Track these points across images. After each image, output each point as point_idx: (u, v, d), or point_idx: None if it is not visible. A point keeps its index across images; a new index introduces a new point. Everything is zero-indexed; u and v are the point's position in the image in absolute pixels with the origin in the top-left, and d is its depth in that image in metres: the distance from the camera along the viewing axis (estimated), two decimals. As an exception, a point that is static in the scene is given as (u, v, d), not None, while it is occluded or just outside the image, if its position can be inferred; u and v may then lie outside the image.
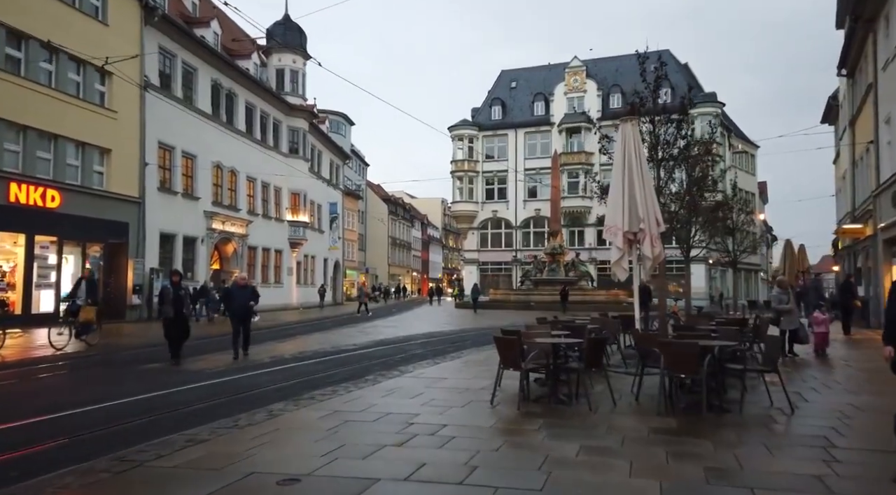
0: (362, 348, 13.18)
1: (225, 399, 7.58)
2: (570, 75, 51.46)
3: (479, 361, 10.68)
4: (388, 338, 15.44)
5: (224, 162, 28.20)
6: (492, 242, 52.92)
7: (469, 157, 52.75)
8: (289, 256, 35.56)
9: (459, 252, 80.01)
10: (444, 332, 17.99)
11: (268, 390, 8.16)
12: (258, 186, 31.93)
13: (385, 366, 10.19)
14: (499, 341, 6.89)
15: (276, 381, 8.87)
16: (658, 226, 9.71)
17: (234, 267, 29.61)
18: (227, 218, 28.27)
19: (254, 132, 31.65)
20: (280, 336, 16.38)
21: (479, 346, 13.59)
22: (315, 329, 19.41)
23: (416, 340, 15.09)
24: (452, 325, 21.82)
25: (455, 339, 15.65)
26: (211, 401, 7.40)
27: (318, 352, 12.48)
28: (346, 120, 63.87)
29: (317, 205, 40.82)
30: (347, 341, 14.69)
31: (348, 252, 56.19)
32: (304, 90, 36.32)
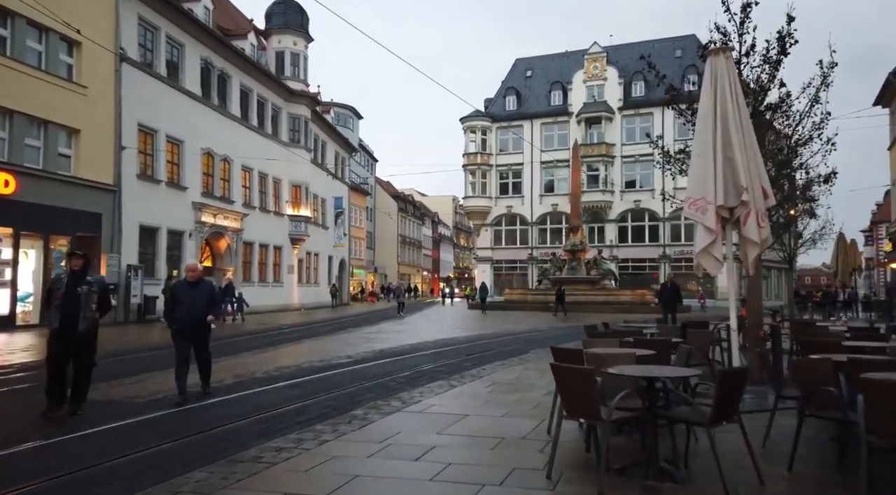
0: (358, 362, 10.52)
1: (114, 461, 4.94)
2: (589, 62, 48.57)
3: (510, 384, 8.00)
4: (391, 348, 12.77)
5: (216, 149, 25.71)
6: (506, 239, 50.15)
7: (482, 150, 50.04)
8: (289, 253, 33.05)
9: (472, 250, 77.37)
10: (458, 339, 15.31)
11: (185, 444, 5.21)
12: (255, 177, 29.43)
13: (382, 392, 7.53)
14: (562, 372, 4.18)
15: (214, 423, 5.95)
16: (766, 199, 6.94)
17: (227, 264, 27.14)
18: (218, 210, 25.78)
19: (250, 118, 29.17)
20: (264, 344, 13.76)
21: (503, 358, 10.90)
22: (309, 334, 16.81)
23: (426, 350, 12.41)
24: (467, 329, 19.13)
25: (472, 349, 12.96)
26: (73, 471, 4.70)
27: (301, 368, 9.84)
28: (353, 113, 61.48)
29: (320, 200, 38.32)
30: (342, 351, 12.06)
31: (355, 250, 53.69)
32: (305, 75, 33.81)
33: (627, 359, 4.83)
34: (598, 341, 6.33)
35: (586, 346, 6.14)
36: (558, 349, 5.50)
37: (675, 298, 16.23)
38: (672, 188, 44.88)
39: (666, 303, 16.15)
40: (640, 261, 46.06)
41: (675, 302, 16.23)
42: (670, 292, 16.31)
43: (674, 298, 16.16)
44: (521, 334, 16.87)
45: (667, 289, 16.68)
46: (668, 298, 16.19)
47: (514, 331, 17.82)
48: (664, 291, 16.71)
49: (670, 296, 16.18)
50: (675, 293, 16.37)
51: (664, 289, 16.84)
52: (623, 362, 4.68)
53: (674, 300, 16.16)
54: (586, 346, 6.14)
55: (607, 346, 5.98)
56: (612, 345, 6.14)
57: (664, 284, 17.41)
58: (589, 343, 6.29)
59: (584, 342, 6.42)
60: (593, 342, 6.27)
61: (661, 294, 17.03)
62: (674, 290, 16.43)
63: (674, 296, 16.19)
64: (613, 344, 6.17)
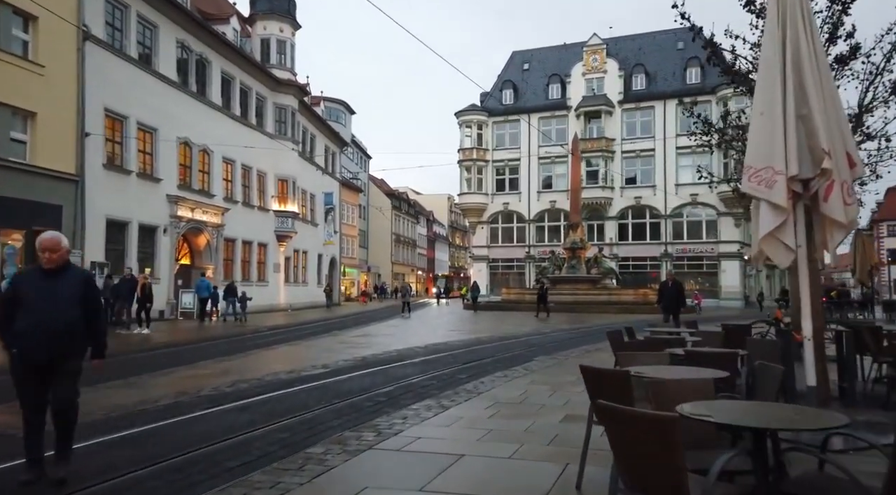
0: (333, 374, 8.89)
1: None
2: (588, 54, 47.07)
3: (515, 405, 6.43)
4: (376, 355, 11.16)
5: (194, 138, 24.04)
6: (503, 237, 48.60)
7: (478, 145, 48.48)
8: (275, 251, 31.39)
9: (467, 249, 75.77)
10: (452, 344, 13.72)
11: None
12: (237, 169, 27.76)
13: (354, 418, 5.94)
14: (623, 421, 2.53)
15: (99, 473, 4.20)
16: (852, 168, 5.36)
17: (207, 261, 25.47)
18: (197, 204, 24.10)
19: (232, 107, 27.49)
20: (232, 350, 12.12)
21: (504, 367, 9.33)
22: (288, 338, 15.18)
23: (415, 358, 10.81)
24: (462, 332, 17.55)
25: (468, 356, 11.37)
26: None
27: (263, 382, 8.21)
28: (345, 108, 59.81)
29: (309, 195, 36.67)
30: (319, 359, 10.44)
31: (347, 248, 52.04)
32: (292, 63, 32.16)
33: (704, 389, 3.25)
34: (639, 355, 4.74)
35: (623, 362, 4.56)
36: (592, 371, 3.89)
37: (678, 298, 14.41)
38: (674, 184, 43.38)
39: (667, 304, 14.37)
40: (641, 260, 44.60)
41: (678, 302, 14.41)
42: (672, 291, 14.47)
43: (676, 298, 14.31)
44: (521, 338, 15.30)
45: (667, 287, 14.77)
46: (669, 298, 14.35)
47: (513, 335, 16.25)
48: (664, 290, 14.80)
49: (672, 296, 14.32)
50: (678, 292, 14.53)
51: (664, 288, 14.91)
52: (699, 394, 3.09)
53: (676, 300, 14.31)
54: (623, 362, 4.56)
55: (652, 362, 4.40)
56: (657, 360, 4.56)
57: (664, 282, 15.33)
58: (625, 358, 4.70)
59: (620, 357, 4.84)
60: (631, 357, 4.68)
61: (661, 293, 15.03)
62: (676, 289, 14.57)
63: (676, 296, 14.36)
64: (658, 359, 4.59)
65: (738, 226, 42.44)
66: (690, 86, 44.13)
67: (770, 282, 49.37)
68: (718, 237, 42.69)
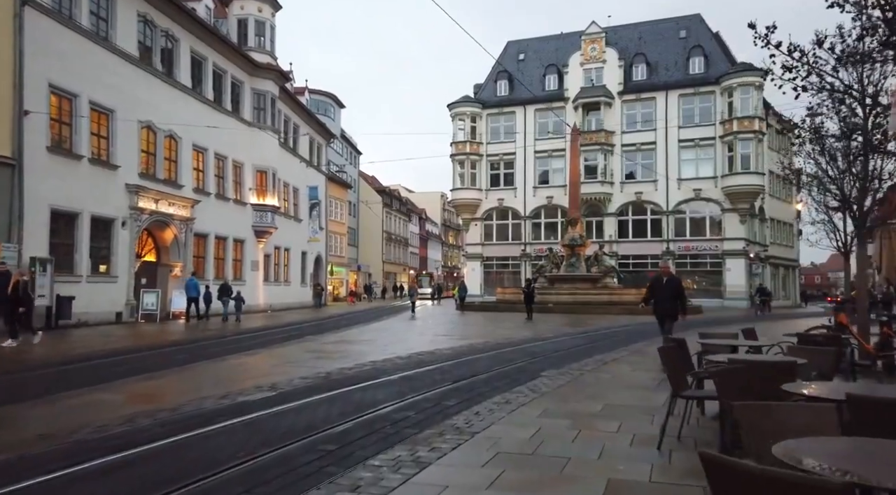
0: (275, 403, 6.41)
1: None
2: (587, 44, 45.03)
3: (525, 457, 4.31)
4: (344, 370, 8.99)
5: (158, 123, 21.79)
6: (497, 235, 46.52)
7: (471, 138, 46.36)
8: (254, 248, 29.16)
9: (461, 248, 73.59)
10: (440, 353, 11.58)
11: None
12: (209, 158, 25.51)
13: (280, 486, 3.81)
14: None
15: None
16: None
17: (175, 258, 23.23)
18: (161, 195, 21.86)
19: (204, 90, 25.25)
20: (163, 365, 9.88)
21: (504, 387, 7.24)
22: (248, 346, 12.98)
23: (393, 374, 8.66)
24: (453, 337, 15.44)
25: (457, 370, 9.25)
26: None
27: (175, 415, 5.96)
28: (334, 101, 57.67)
29: (292, 188, 34.45)
30: (268, 378, 8.20)
31: (335, 246, 49.84)
32: (272, 46, 29.92)
33: None
34: (781, 411, 2.62)
35: (753, 431, 2.45)
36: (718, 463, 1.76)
37: (677, 298, 9.95)
38: (676, 178, 41.39)
39: (661, 307, 10.05)
40: (642, 258, 42.60)
41: (676, 304, 9.92)
42: (667, 289, 10.01)
43: (674, 298, 9.93)
44: (521, 345, 13.21)
45: (660, 284, 10.16)
46: (663, 298, 9.99)
47: (511, 340, 14.17)
48: (656, 287, 10.24)
49: (666, 296, 9.94)
50: (675, 290, 10.04)
51: (656, 285, 10.29)
52: None
53: (674, 301, 9.92)
54: (753, 431, 2.45)
55: (813, 425, 2.29)
56: (817, 420, 2.45)
57: (657, 278, 10.49)
58: (751, 416, 2.59)
59: (744, 417, 2.73)
60: (761, 413, 2.57)
61: (650, 291, 10.40)
62: (671, 287, 10.08)
63: (673, 296, 9.95)
64: (819, 419, 2.48)
65: (744, 223, 40.55)
66: (693, 76, 42.24)
67: (774, 280, 47.52)
68: (723, 234, 40.77)
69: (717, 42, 44.36)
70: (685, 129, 41.79)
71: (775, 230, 47.82)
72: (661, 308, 10.18)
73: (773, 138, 45.78)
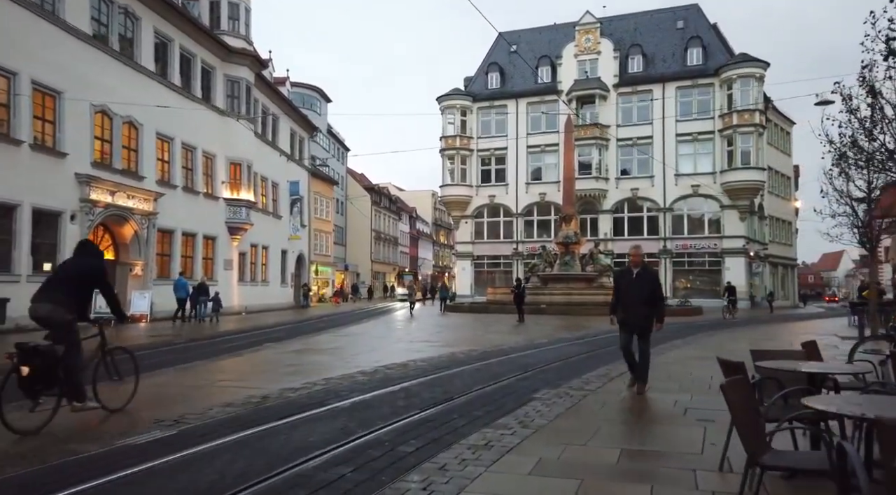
0: (163, 453, 4.72)
1: None
2: (581, 34, 43.38)
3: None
4: (283, 394, 7.02)
5: (114, 107, 19.90)
6: (488, 233, 44.80)
7: (462, 133, 44.61)
8: (227, 245, 27.26)
9: (452, 247, 71.82)
10: (413, 366, 9.78)
11: None
12: (176, 148, 23.62)
13: None
14: None
15: None
16: None
17: (135, 256, 21.33)
18: (119, 187, 19.96)
19: (170, 75, 23.36)
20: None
21: (487, 421, 5.47)
22: (188, 357, 11.11)
23: (343, 399, 6.77)
24: (434, 344, 13.65)
25: (428, 392, 7.43)
26: None
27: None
28: (320, 95, 55.75)
29: (271, 183, 32.58)
30: (177, 409, 6.21)
31: (320, 245, 47.88)
32: (247, 30, 28.06)
33: None
34: None
35: None
36: None
37: (653, 300, 7.02)
38: (674, 174, 39.76)
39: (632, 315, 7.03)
40: (638, 257, 40.93)
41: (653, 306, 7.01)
42: (639, 287, 7.04)
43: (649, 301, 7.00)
44: (511, 354, 11.45)
45: (630, 280, 7.15)
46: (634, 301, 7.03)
47: (500, 348, 12.41)
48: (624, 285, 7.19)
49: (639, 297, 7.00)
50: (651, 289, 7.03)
51: (624, 282, 7.23)
52: None
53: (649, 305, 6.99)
54: None
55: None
56: None
57: (625, 272, 7.46)
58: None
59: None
60: None
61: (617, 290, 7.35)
62: (646, 283, 7.05)
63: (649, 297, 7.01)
64: None
65: (744, 220, 39.03)
66: (691, 68, 40.68)
67: (773, 279, 46.05)
68: (722, 232, 39.23)
69: (716, 33, 42.84)
70: (683, 123, 40.23)
71: (774, 228, 46.39)
72: (632, 316, 6.87)
73: (772, 133, 44.36)
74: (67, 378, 5.32)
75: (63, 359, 5.27)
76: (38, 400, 5.15)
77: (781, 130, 47.40)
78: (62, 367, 5.28)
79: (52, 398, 5.25)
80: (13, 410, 5.06)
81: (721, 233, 39.25)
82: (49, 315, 5.42)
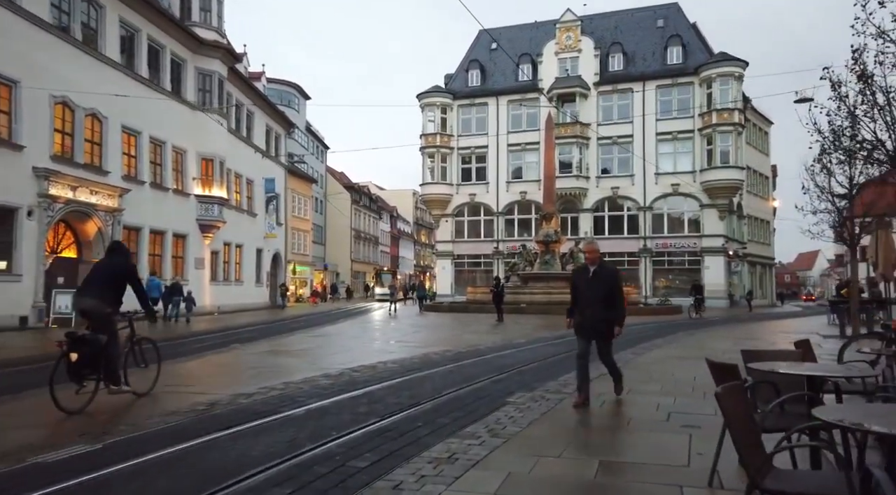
0: (93, 468, 4.08)
1: None
2: (561, 32, 43.16)
3: None
4: (235, 400, 6.39)
5: (76, 98, 19.02)
6: (469, 232, 44.36)
7: (442, 131, 44.09)
8: (198, 243, 26.41)
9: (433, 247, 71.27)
10: (382, 369, 9.25)
11: None
12: (143, 143, 22.74)
13: None
14: None
15: None
16: None
17: (98, 254, 20.42)
18: (81, 182, 19.09)
19: (137, 66, 22.49)
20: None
21: (454, 429, 4.99)
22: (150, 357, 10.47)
23: (299, 405, 6.20)
24: (409, 345, 13.14)
25: (394, 397, 6.91)
26: None
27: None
28: (298, 92, 54.87)
29: (245, 180, 31.75)
30: (115, 421, 5.76)
31: (298, 244, 47.04)
32: (220, 22, 27.23)
33: None
34: None
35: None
36: None
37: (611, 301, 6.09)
38: (654, 172, 39.67)
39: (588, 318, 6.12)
40: (619, 256, 40.76)
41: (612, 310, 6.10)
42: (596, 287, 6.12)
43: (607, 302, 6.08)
44: (487, 354, 10.98)
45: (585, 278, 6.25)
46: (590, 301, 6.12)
47: (477, 348, 11.94)
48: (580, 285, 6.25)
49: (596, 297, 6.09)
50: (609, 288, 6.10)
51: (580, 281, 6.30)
52: None
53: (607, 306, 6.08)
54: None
55: None
56: None
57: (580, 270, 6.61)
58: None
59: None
60: None
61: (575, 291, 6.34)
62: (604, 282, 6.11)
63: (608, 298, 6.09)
64: None
65: (723, 219, 39.10)
66: (671, 66, 40.66)
67: (752, 278, 46.28)
68: (701, 231, 39.24)
69: (695, 32, 42.90)
70: (663, 122, 40.18)
71: (753, 227, 46.63)
72: (588, 319, 5.99)
73: (751, 132, 44.54)
74: (107, 364, 6.05)
75: (105, 347, 6.00)
76: (82, 383, 5.86)
77: (760, 130, 47.71)
78: (104, 355, 6.00)
79: (92, 381, 5.95)
80: (61, 391, 5.65)
81: (700, 232, 39.26)
82: (92, 308, 6.17)
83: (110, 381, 6.08)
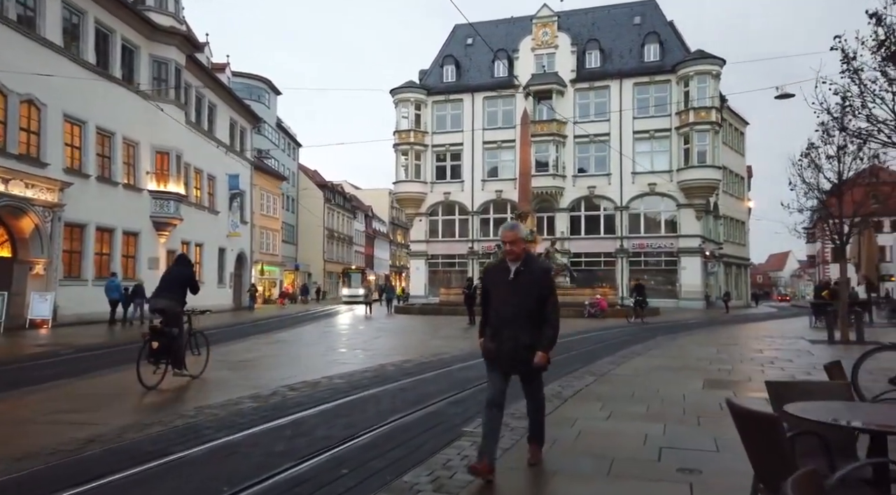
0: None
1: None
2: (538, 28, 42.29)
3: None
4: (140, 430, 5.31)
5: (10, 83, 17.37)
6: (443, 231, 43.22)
7: (416, 127, 42.87)
8: (152, 242, 24.79)
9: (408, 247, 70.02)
10: (324, 386, 8.00)
11: None
12: (89, 133, 21.11)
13: None
14: None
15: None
16: None
17: (37, 254, 18.80)
18: (14, 174, 17.45)
19: (83, 51, 20.86)
20: None
21: (389, 479, 3.78)
22: (55, 374, 9.09)
23: (201, 442, 5.01)
24: (366, 354, 11.93)
25: (326, 430, 5.72)
26: None
27: None
28: (269, 87, 53.23)
29: (206, 176, 30.15)
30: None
31: (266, 243, 45.42)
32: (177, 8, 25.64)
33: None
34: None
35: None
36: None
37: (538, 311, 3.96)
38: (631, 172, 38.75)
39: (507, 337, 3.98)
40: (595, 256, 40.17)
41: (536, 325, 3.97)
42: (518, 293, 4.00)
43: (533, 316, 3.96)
44: (454, 365, 9.84)
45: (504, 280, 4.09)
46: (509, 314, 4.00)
47: (442, 357, 10.79)
48: (494, 289, 4.17)
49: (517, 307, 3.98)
50: (539, 295, 3.98)
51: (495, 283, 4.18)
52: None
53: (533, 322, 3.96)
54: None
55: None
56: None
57: (495, 268, 4.26)
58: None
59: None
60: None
61: (484, 289, 4.26)
62: (531, 287, 3.97)
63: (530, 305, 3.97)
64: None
65: (700, 219, 38.59)
66: (648, 64, 40.05)
67: (728, 278, 46.00)
68: (678, 231, 38.67)
69: (672, 30, 42.39)
70: (640, 120, 39.54)
71: (728, 228, 46.37)
72: (506, 342, 3.98)
73: (727, 133, 44.22)
74: (176, 352, 7.69)
75: (175, 338, 7.69)
76: (158, 365, 7.53)
77: (735, 130, 47.48)
78: (175, 344, 7.66)
79: (163, 365, 7.59)
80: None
81: (677, 232, 38.70)
82: (167, 307, 7.77)
83: (176, 366, 7.72)
